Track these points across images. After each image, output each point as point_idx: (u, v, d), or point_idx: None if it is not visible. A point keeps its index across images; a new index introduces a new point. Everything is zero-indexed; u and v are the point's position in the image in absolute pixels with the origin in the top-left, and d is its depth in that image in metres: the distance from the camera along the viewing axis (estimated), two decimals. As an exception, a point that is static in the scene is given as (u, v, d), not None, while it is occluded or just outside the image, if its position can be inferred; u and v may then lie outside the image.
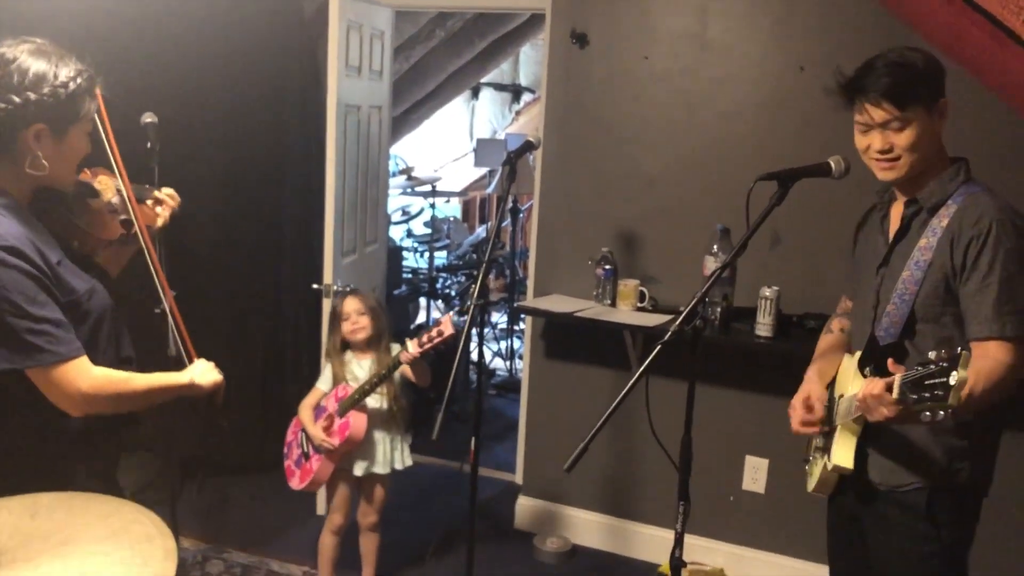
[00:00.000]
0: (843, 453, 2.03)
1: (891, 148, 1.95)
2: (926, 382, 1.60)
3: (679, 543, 2.09)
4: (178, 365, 2.09)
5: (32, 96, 1.69)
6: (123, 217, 2.02)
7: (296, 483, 3.13)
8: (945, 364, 1.57)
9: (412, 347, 2.85)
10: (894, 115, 1.91)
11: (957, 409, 1.58)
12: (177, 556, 1.28)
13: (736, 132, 3.32)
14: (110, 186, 2.05)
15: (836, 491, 2.14)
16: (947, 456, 1.94)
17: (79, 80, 1.75)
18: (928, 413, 1.59)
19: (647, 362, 1.89)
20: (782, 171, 2.01)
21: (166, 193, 2.25)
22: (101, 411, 1.81)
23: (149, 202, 2.22)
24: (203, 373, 2.00)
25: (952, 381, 1.55)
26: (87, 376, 1.73)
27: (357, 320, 3.06)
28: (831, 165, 2.02)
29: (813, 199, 3.05)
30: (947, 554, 2.01)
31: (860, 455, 2.03)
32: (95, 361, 1.79)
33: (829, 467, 2.05)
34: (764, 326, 3.08)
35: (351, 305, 3.07)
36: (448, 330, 2.76)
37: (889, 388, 1.71)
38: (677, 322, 1.95)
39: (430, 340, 2.80)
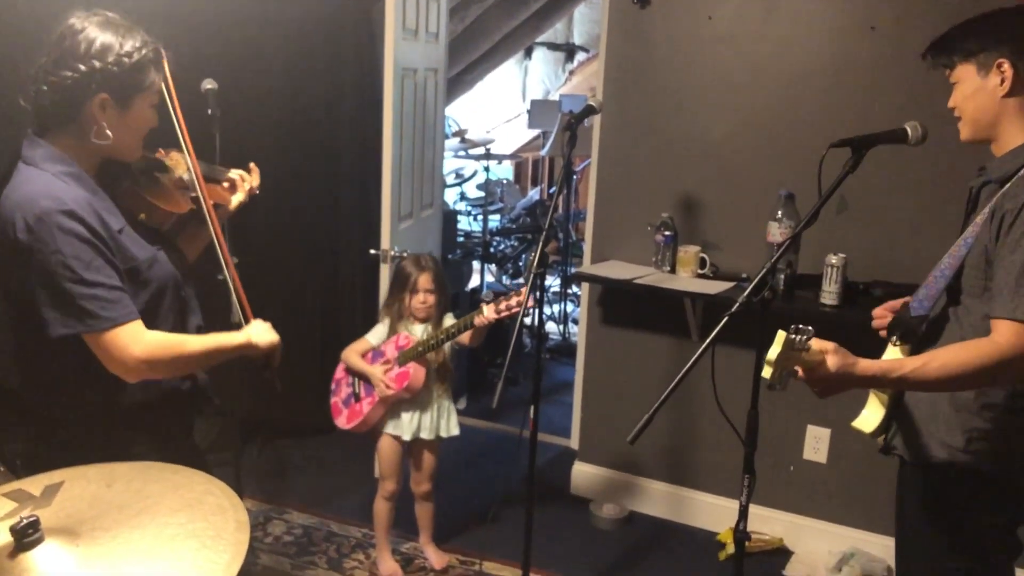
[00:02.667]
0: (865, 417, 2.04)
1: (954, 107, 1.90)
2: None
3: (743, 516, 2.06)
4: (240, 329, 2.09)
5: (97, 64, 1.71)
6: (193, 195, 2.02)
7: (343, 422, 3.16)
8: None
9: (488, 312, 2.83)
10: (946, 73, 1.88)
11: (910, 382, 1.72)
12: (249, 526, 1.30)
13: (802, 95, 3.22)
14: (182, 164, 2.05)
15: None
16: (964, 436, 1.84)
17: (144, 51, 1.77)
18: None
19: (713, 334, 1.84)
20: (856, 138, 1.92)
21: (241, 174, 2.25)
22: (157, 376, 1.81)
23: (225, 184, 2.22)
24: (260, 333, 1.98)
25: (768, 355, 1.63)
26: (140, 341, 1.73)
27: (427, 298, 3.08)
28: (907, 131, 1.94)
29: (884, 163, 2.96)
30: (961, 544, 1.90)
31: (889, 420, 2.01)
32: (155, 329, 1.80)
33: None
34: (830, 294, 3.01)
35: (425, 282, 3.08)
36: (528, 302, 2.75)
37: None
38: (745, 293, 1.90)
39: (508, 309, 2.79)
